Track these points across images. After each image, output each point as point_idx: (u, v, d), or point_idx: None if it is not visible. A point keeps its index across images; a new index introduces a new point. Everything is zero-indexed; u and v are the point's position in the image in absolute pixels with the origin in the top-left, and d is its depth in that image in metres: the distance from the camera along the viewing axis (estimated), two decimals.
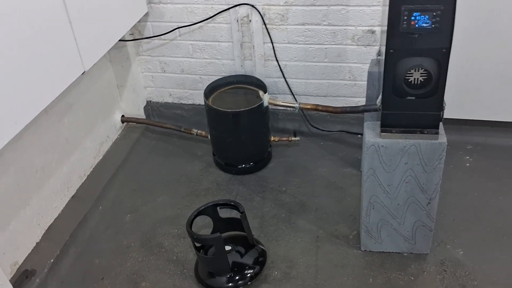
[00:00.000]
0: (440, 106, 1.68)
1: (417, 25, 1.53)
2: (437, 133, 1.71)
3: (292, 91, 2.64)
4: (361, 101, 2.62)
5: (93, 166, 2.60)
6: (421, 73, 1.63)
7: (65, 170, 2.35)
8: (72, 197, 2.42)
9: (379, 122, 1.81)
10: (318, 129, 2.71)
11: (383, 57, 1.73)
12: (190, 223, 1.96)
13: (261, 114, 2.39)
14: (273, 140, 2.57)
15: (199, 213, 2.02)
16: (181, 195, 2.44)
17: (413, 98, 1.67)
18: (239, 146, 2.44)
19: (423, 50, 1.59)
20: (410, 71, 1.63)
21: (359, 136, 2.70)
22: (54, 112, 2.22)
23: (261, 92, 2.40)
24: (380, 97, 1.73)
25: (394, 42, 1.58)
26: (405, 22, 1.54)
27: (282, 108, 2.70)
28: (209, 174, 2.56)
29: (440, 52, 1.58)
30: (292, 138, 2.60)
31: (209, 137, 2.60)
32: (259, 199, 2.38)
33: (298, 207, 2.31)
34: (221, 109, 2.31)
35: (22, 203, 2.06)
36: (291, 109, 2.35)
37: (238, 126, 2.37)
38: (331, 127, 2.73)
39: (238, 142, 2.42)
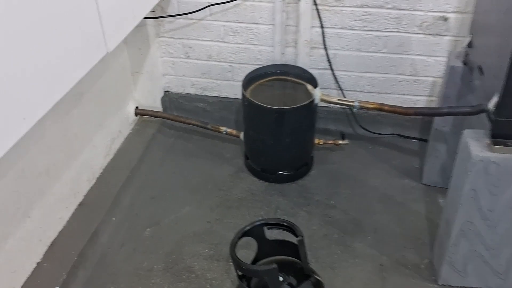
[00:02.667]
0: None
1: None
2: None
3: (340, 85, 2.25)
4: (420, 100, 2.24)
5: (103, 167, 2.19)
6: None
7: (73, 173, 1.93)
8: (80, 204, 2.01)
9: (482, 131, 1.44)
10: (368, 131, 2.33)
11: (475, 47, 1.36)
12: (234, 247, 1.57)
13: (311, 113, 2.01)
14: (318, 143, 2.19)
15: (244, 234, 1.63)
16: (210, 205, 2.05)
17: None
18: (281, 150, 2.05)
19: None
20: None
21: (414, 140, 2.33)
22: (62, 103, 1.78)
23: (309, 86, 2.01)
24: (494, 99, 1.35)
25: None
26: None
27: (325, 105, 2.32)
28: (241, 181, 2.17)
29: None
30: (340, 142, 2.22)
31: (240, 136, 2.21)
32: (304, 214, 2.00)
33: (353, 226, 1.94)
34: (265, 105, 1.92)
35: (22, 215, 1.65)
36: (350, 108, 1.96)
37: (283, 127, 1.97)
38: (382, 129, 2.35)
39: (280, 146, 2.03)
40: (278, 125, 1.97)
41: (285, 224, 1.63)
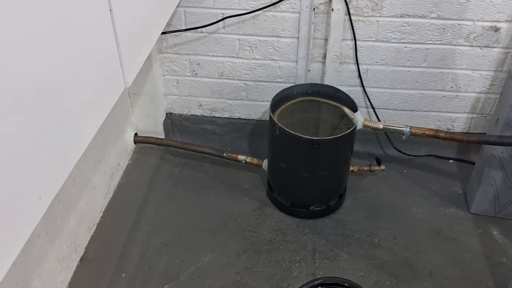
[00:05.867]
0: None
1: None
2: None
3: (372, 103, 2.00)
4: (459, 117, 2.02)
5: (103, 210, 1.86)
6: None
7: (72, 225, 1.61)
8: (81, 260, 1.68)
9: None
10: (402, 152, 2.09)
11: None
12: None
13: (351, 141, 1.74)
14: (351, 171, 1.93)
15: None
16: (236, 251, 1.76)
17: None
18: (317, 184, 1.78)
19: None
20: None
21: (451, 161, 2.11)
22: None
23: (347, 110, 1.74)
24: None
25: None
26: None
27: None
28: (267, 218, 1.89)
29: None
30: (376, 168, 1.96)
31: (263, 166, 1.92)
32: (347, 256, 1.73)
33: (405, 269, 1.69)
34: (302, 135, 1.63)
35: None
36: (400, 135, 1.72)
37: (321, 159, 1.70)
38: (416, 150, 2.11)
39: (316, 179, 1.76)
40: (316, 157, 1.69)
41: (346, 285, 1.37)
